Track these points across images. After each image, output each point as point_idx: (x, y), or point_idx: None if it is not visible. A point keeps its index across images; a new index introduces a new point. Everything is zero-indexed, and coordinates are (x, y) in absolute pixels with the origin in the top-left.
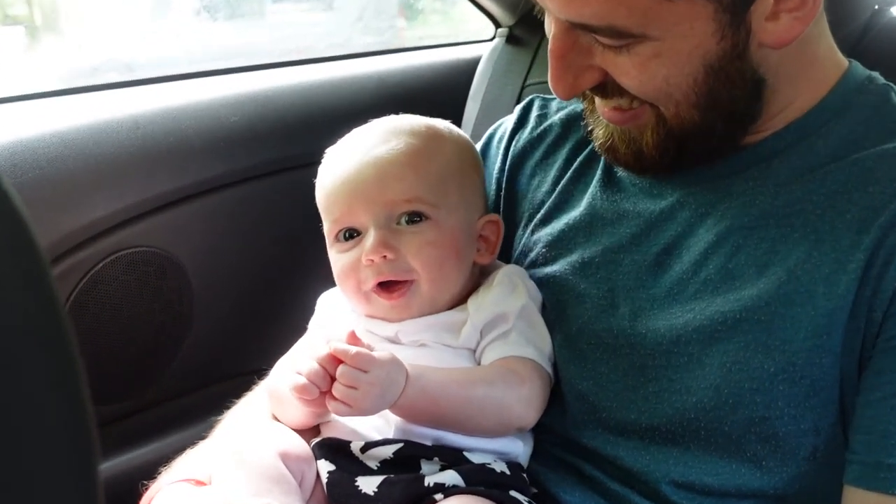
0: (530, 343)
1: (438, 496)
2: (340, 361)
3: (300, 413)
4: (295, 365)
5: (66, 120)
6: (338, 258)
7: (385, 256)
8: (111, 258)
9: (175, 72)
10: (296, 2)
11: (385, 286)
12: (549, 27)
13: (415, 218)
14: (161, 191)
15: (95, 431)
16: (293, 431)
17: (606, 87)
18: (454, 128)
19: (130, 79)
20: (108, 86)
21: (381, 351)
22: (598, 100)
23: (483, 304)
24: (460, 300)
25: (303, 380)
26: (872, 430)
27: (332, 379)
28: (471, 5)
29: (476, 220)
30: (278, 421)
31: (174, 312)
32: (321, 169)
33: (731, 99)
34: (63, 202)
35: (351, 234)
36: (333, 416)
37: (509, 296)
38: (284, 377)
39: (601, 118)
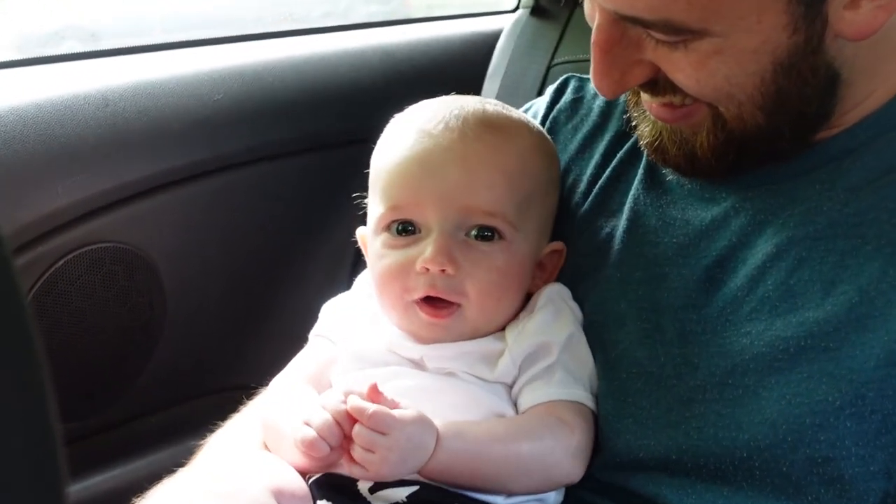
0: (578, 381)
1: None
2: (355, 420)
3: (301, 461)
4: (304, 413)
5: (25, 95)
6: (384, 254)
7: (444, 270)
8: (73, 255)
9: (150, 41)
10: None
11: (430, 301)
12: (591, 13)
13: (487, 233)
14: (132, 179)
15: (63, 454)
16: (288, 465)
17: (658, 84)
18: (547, 135)
19: (98, 48)
20: (73, 56)
21: (407, 409)
22: (644, 94)
23: (524, 332)
24: (501, 327)
25: (312, 433)
26: None
27: (346, 436)
28: None
29: (544, 247)
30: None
31: (144, 318)
32: (386, 138)
33: (801, 98)
34: (20, 189)
35: (406, 229)
36: None
37: (553, 322)
38: (287, 418)
39: (648, 114)
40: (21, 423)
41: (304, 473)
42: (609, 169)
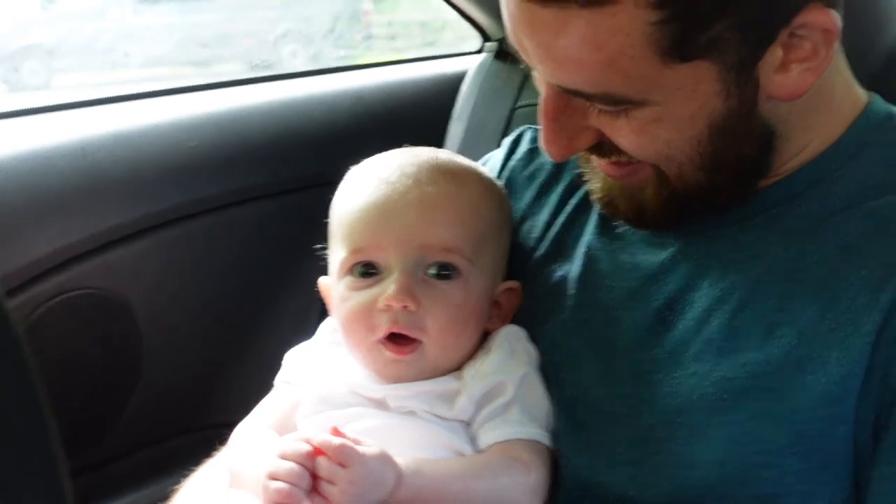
0: (534, 420)
1: None
2: (320, 453)
3: None
4: (266, 467)
5: (5, 147)
6: (348, 296)
7: (406, 306)
8: (51, 303)
9: (104, 62)
10: None
11: (394, 339)
12: (540, 85)
13: (444, 272)
14: (109, 225)
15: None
16: None
17: (603, 147)
18: (496, 181)
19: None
20: (52, 108)
21: (369, 446)
22: (594, 155)
23: (480, 371)
24: (458, 366)
25: (283, 485)
26: None
27: (313, 476)
28: None
29: (499, 284)
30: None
31: (121, 361)
32: (346, 187)
33: (738, 156)
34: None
35: (368, 272)
36: None
37: (509, 361)
38: (250, 466)
39: (598, 170)
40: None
41: None
42: (563, 216)
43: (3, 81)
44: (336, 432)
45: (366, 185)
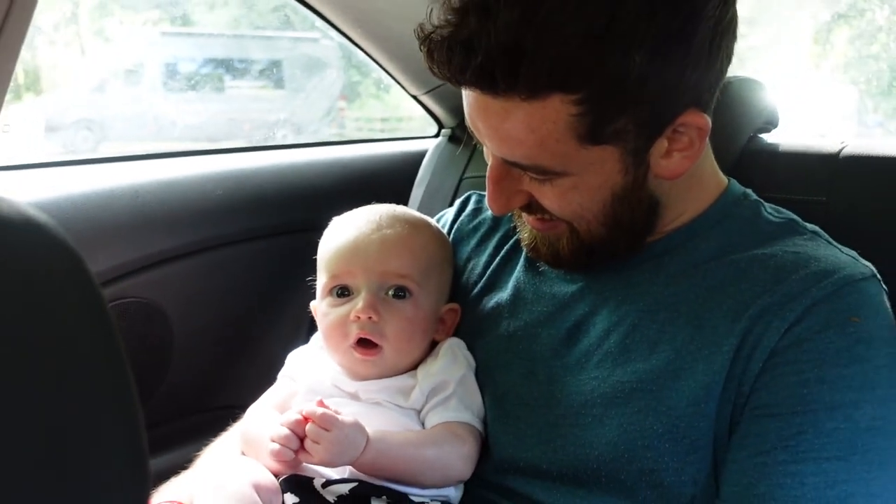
0: (468, 409)
1: None
2: (307, 422)
3: (273, 465)
4: (270, 432)
5: (77, 187)
6: (328, 311)
7: (371, 318)
8: (108, 307)
9: (143, 134)
10: (252, 80)
11: (362, 343)
12: (488, 157)
13: (400, 293)
14: (152, 251)
15: (146, 445)
16: (264, 467)
17: (532, 206)
18: (440, 228)
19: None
20: (113, 159)
21: (347, 416)
22: (523, 212)
23: (430, 372)
24: (413, 367)
25: (277, 445)
26: (739, 482)
27: (301, 440)
28: (403, 94)
29: (443, 305)
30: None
31: (157, 354)
32: (329, 231)
33: (631, 219)
34: None
35: (343, 293)
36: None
37: (451, 365)
38: (259, 435)
39: (526, 224)
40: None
41: (276, 475)
42: (498, 258)
43: (62, 146)
44: (321, 404)
45: (342, 230)
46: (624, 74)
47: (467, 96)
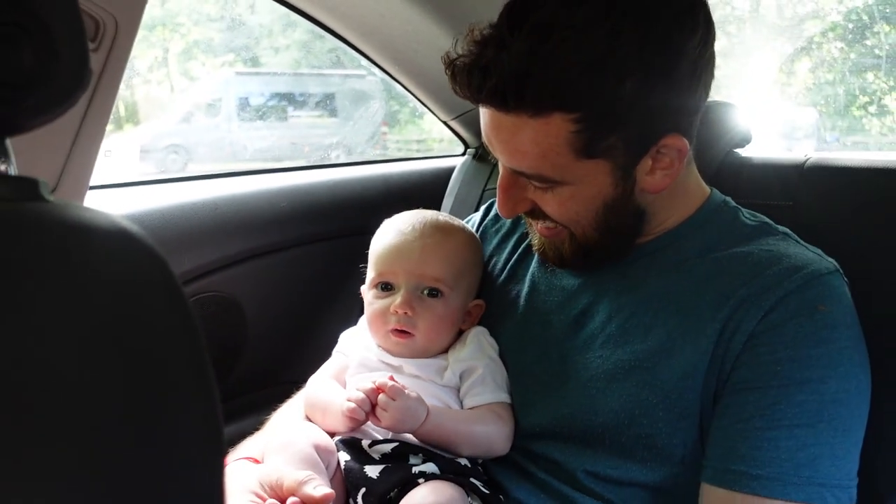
0: (503, 389)
1: (421, 480)
2: (380, 391)
3: (337, 425)
4: (347, 394)
5: (167, 201)
6: (373, 301)
7: (406, 312)
8: (193, 300)
9: (221, 156)
10: (310, 110)
11: (397, 332)
12: (501, 169)
13: (433, 293)
14: (228, 253)
15: (221, 414)
16: (323, 431)
17: (535, 213)
18: (476, 237)
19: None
20: (196, 177)
21: (411, 391)
22: (529, 218)
23: (459, 357)
24: (443, 351)
25: (353, 405)
26: (722, 445)
27: (373, 406)
28: (435, 120)
29: (470, 301)
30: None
31: (233, 339)
32: (380, 231)
33: (620, 226)
34: None
35: (386, 287)
36: None
37: (478, 352)
38: (324, 399)
39: (536, 232)
40: (198, 401)
41: (331, 435)
42: (516, 255)
43: (155, 167)
44: (392, 378)
45: (391, 232)
46: (616, 99)
47: (483, 114)
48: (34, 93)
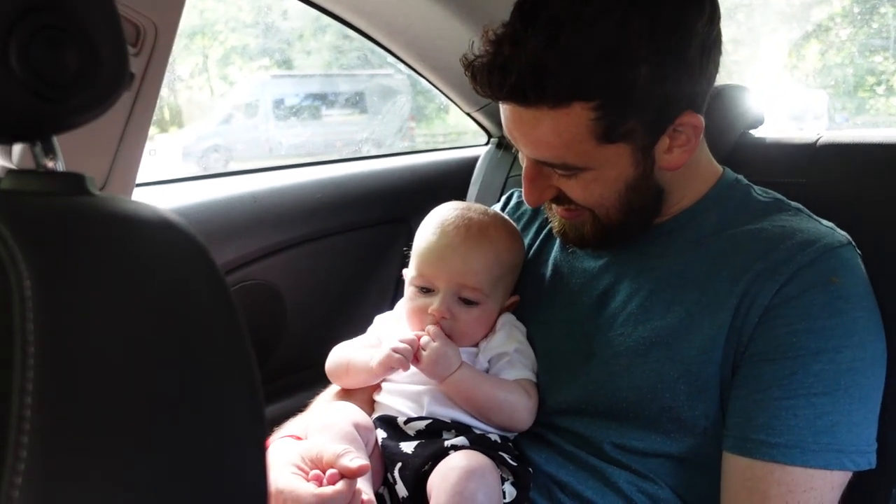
0: (528, 368)
1: (452, 452)
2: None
3: (365, 377)
4: (391, 344)
5: (208, 195)
6: (412, 298)
7: (444, 317)
8: (235, 288)
9: (259, 153)
10: (341, 108)
11: None
12: (523, 159)
13: (471, 300)
14: (269, 243)
15: (262, 396)
16: (362, 410)
17: (560, 199)
18: (518, 233)
19: (230, 155)
20: (235, 173)
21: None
22: (553, 204)
23: (489, 346)
24: (476, 343)
25: (396, 354)
26: (742, 415)
27: (415, 355)
28: (459, 113)
29: (507, 300)
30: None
31: (274, 324)
32: (424, 226)
33: (641, 205)
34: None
35: (425, 289)
36: (381, 399)
37: (506, 339)
38: (363, 356)
39: (556, 214)
40: (240, 386)
41: (370, 408)
42: (538, 241)
43: (198, 166)
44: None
45: (434, 231)
46: (631, 84)
47: (504, 110)
48: (78, 92)
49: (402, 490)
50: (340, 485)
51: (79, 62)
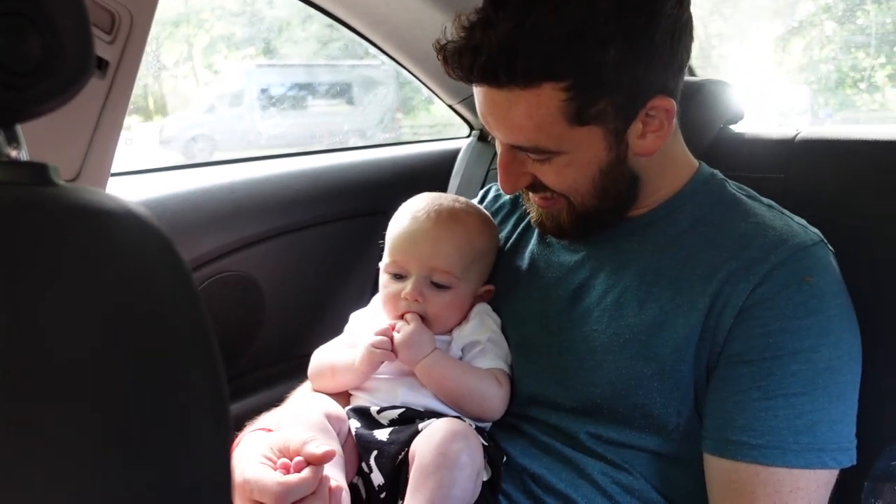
0: (502, 359)
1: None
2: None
3: (352, 378)
4: (368, 342)
5: (185, 185)
6: (387, 284)
7: (416, 300)
8: (212, 279)
9: (244, 143)
10: (328, 98)
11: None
12: (499, 147)
13: (443, 284)
14: (246, 234)
15: (227, 396)
16: (334, 401)
17: (535, 186)
18: (490, 220)
19: (215, 148)
20: (213, 163)
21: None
22: (530, 192)
23: (462, 333)
24: (450, 330)
25: (376, 349)
26: (720, 416)
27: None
28: (447, 109)
29: (481, 287)
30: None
31: (252, 315)
32: (398, 215)
33: (616, 191)
34: (182, 241)
35: (398, 275)
36: (355, 391)
37: (479, 327)
38: (346, 357)
39: (534, 203)
40: (204, 381)
41: (343, 406)
42: (516, 234)
43: (182, 155)
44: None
45: (406, 218)
46: (601, 64)
47: (478, 94)
48: (41, 80)
49: (377, 478)
50: (306, 472)
51: (41, 50)
